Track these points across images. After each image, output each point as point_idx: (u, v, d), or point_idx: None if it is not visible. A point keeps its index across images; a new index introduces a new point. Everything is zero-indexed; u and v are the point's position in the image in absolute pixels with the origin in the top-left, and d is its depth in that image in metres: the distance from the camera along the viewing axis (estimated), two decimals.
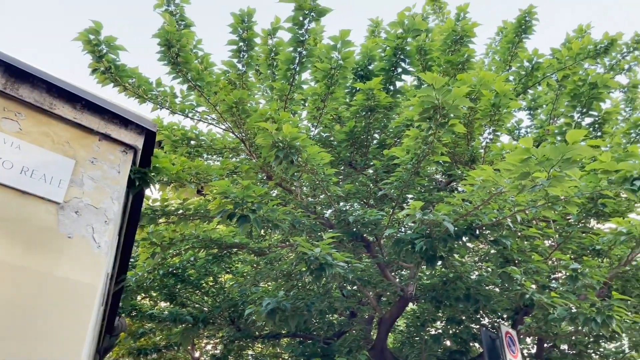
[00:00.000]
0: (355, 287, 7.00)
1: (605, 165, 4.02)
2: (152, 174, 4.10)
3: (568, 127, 6.66)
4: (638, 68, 8.13)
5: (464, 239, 5.03)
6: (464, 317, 6.70)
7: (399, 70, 6.40)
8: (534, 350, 8.50)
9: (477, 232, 4.88)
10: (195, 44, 5.34)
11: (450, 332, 7.11)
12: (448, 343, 7.79)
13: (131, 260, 6.86)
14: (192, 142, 6.27)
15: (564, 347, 8.35)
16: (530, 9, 6.72)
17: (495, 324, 6.77)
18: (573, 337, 7.53)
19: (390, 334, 9.35)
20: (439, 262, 5.89)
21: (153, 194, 5.33)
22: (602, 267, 6.35)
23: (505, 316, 6.87)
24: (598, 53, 6.55)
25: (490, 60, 8.20)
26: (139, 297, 7.79)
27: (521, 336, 7.24)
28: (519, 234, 5.73)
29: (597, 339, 7.92)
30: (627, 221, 5.10)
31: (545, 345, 8.20)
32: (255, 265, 7.21)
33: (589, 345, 8.16)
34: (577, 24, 6.86)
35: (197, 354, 10.78)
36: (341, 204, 6.88)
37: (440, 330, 7.38)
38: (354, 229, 5.79)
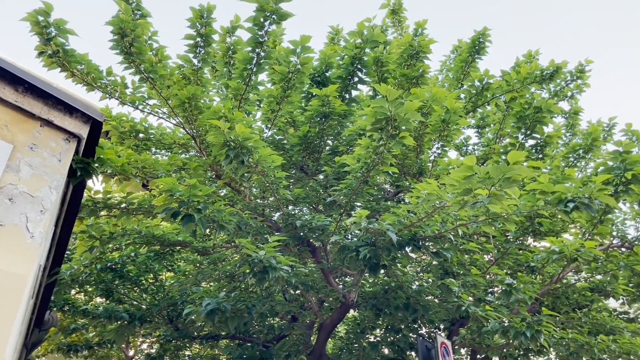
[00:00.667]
0: (298, 292, 7.01)
1: (543, 186, 4.21)
2: (96, 164, 3.97)
3: (512, 147, 6.93)
4: (580, 96, 8.56)
5: (407, 249, 5.14)
6: (402, 326, 6.84)
7: (356, 79, 6.48)
8: None
9: (420, 243, 5.00)
10: (150, 35, 5.21)
11: (389, 340, 7.23)
12: (386, 351, 7.92)
13: (67, 252, 6.59)
14: (141, 135, 6.11)
15: (496, 359, 8.65)
16: (485, 30, 6.96)
17: (432, 334, 6.93)
18: (504, 350, 7.81)
19: (330, 339, 9.41)
20: (382, 271, 5.99)
21: (95, 185, 5.15)
22: (535, 283, 6.63)
23: (442, 327, 7.06)
24: (544, 79, 6.86)
25: (444, 77, 8.43)
26: (73, 292, 7.49)
27: (456, 347, 7.45)
28: (460, 247, 5.90)
29: (526, 352, 8.24)
30: (560, 241, 5.35)
31: (478, 356, 8.47)
32: (198, 265, 7.09)
33: (519, 358, 8.48)
34: (527, 48, 7.21)
35: (131, 353, 10.46)
36: (290, 207, 6.89)
37: (379, 338, 7.48)
38: (301, 234, 5.80)
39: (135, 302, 7.32)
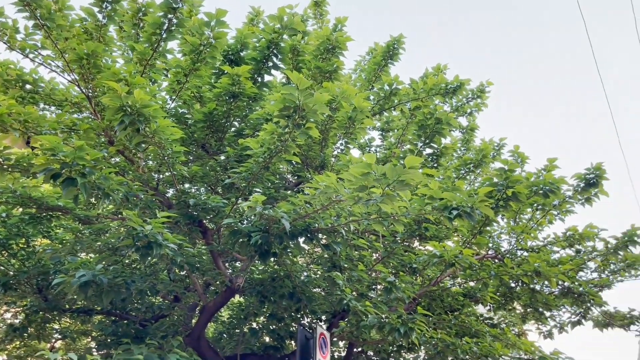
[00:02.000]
0: (184, 272, 6.80)
1: (432, 192, 4.42)
2: None
3: (411, 153, 7.24)
4: (477, 114, 9.13)
5: (300, 239, 5.18)
6: (285, 315, 6.89)
7: (270, 64, 6.39)
8: (344, 354, 9.04)
9: (313, 234, 5.04)
10: None
11: (270, 327, 7.26)
12: (267, 339, 7.94)
13: None
14: (28, 87, 5.58)
15: (371, 353, 9.02)
16: (400, 37, 7.19)
17: (313, 325, 7.06)
18: (379, 345, 8.17)
19: (212, 323, 9.27)
20: (273, 259, 5.98)
21: None
22: (415, 284, 6.99)
23: (323, 318, 7.21)
24: (447, 92, 7.23)
25: (357, 76, 8.60)
26: None
27: (334, 339, 7.66)
28: (350, 242, 6.06)
29: (399, 348, 8.68)
30: (442, 245, 5.67)
31: (355, 350, 8.78)
32: (78, 234, 6.63)
33: (392, 354, 8.92)
34: (436, 62, 7.55)
35: None
36: (186, 185, 6.66)
37: (260, 325, 7.49)
38: (194, 213, 5.62)
39: (1, 267, 6.69)
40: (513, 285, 7.52)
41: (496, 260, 7.23)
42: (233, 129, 6.54)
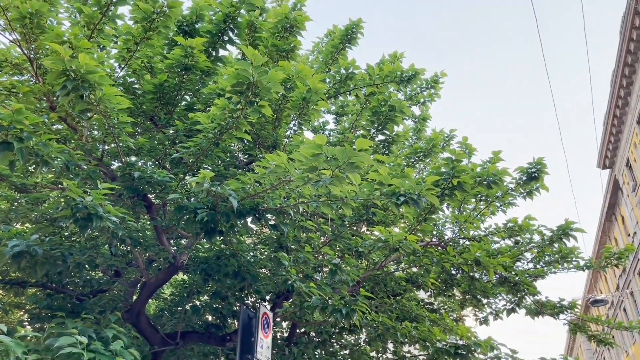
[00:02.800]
0: (126, 247, 6.62)
1: (381, 177, 4.47)
2: None
3: (364, 139, 7.28)
4: (430, 104, 9.28)
5: (248, 219, 5.13)
6: (229, 294, 6.85)
7: (226, 38, 6.25)
8: (287, 335, 9.11)
9: (261, 214, 5.01)
10: None
11: (214, 306, 7.20)
12: (210, 318, 7.88)
13: None
14: None
15: (313, 334, 9.13)
16: (359, 22, 7.17)
17: (257, 305, 7.05)
18: (322, 326, 8.27)
19: (154, 300, 9.11)
20: (219, 237, 5.91)
21: None
22: (360, 268, 7.09)
23: (267, 298, 7.21)
24: (402, 80, 7.29)
25: (314, 58, 8.54)
26: None
27: (278, 319, 7.69)
28: (298, 223, 6.06)
29: (341, 331, 8.83)
30: (388, 231, 5.76)
31: (297, 330, 8.86)
32: (14, 203, 6.31)
33: (334, 336, 9.06)
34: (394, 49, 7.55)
35: None
36: (133, 159, 6.44)
37: (203, 304, 7.41)
38: (139, 187, 5.46)
39: None
40: (454, 272, 7.77)
41: (439, 248, 7.43)
42: (184, 102, 6.37)
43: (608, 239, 31.46)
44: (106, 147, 5.89)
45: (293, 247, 6.16)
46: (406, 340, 7.15)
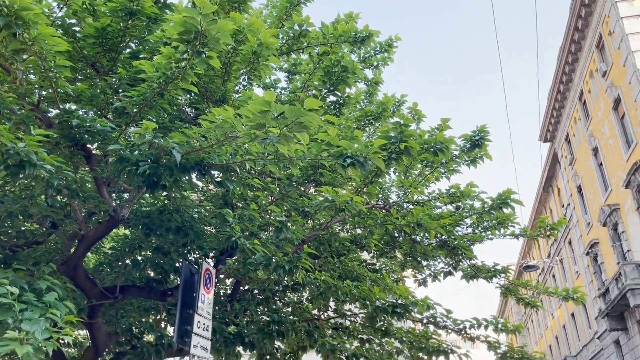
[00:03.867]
0: (64, 198, 6.36)
1: (330, 138, 4.45)
2: None
3: (315, 99, 7.21)
4: (383, 68, 9.26)
5: (193, 174, 5.02)
6: (172, 250, 6.76)
7: None
8: (230, 292, 9.16)
9: (206, 170, 4.91)
10: None
11: (155, 261, 7.09)
12: (152, 273, 7.77)
13: None
14: None
15: (257, 292, 9.22)
16: None
17: (200, 261, 7.02)
18: (265, 284, 8.35)
19: (94, 254, 8.89)
20: (162, 192, 5.77)
21: None
22: (305, 227, 7.15)
23: (211, 255, 7.18)
24: (356, 41, 7.20)
25: (267, 12, 8.29)
26: None
27: (221, 276, 7.70)
28: (245, 181, 6.00)
29: (284, 289, 8.96)
30: (334, 191, 5.80)
31: (241, 288, 8.92)
32: None
33: (277, 294, 9.19)
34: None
35: None
36: (73, 107, 6.12)
37: (145, 258, 7.29)
38: (77, 136, 5.21)
39: None
40: (396, 234, 7.97)
41: (383, 211, 7.58)
42: (128, 50, 6.06)
43: (544, 209, 33.18)
44: (43, 92, 5.56)
45: (239, 204, 6.12)
46: (347, 298, 7.35)
